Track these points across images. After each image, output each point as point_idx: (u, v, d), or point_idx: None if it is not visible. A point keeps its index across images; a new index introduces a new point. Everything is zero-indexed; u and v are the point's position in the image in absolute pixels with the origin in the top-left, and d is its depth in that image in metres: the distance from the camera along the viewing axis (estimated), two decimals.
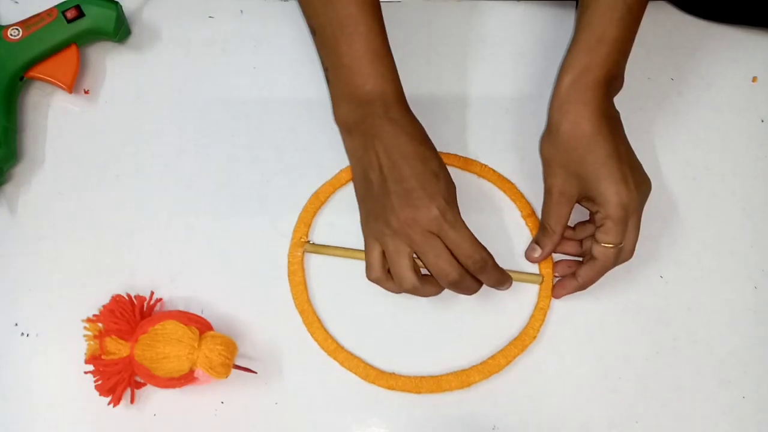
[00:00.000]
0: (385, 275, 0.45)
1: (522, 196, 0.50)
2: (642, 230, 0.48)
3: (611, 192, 0.43)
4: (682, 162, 0.52)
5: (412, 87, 0.47)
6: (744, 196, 0.51)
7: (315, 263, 0.49)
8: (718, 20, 0.54)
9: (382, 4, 0.46)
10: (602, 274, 0.46)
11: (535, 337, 0.47)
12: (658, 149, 0.51)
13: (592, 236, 0.46)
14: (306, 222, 0.49)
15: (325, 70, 0.48)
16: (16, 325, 0.47)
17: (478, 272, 0.44)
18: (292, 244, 0.48)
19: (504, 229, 0.50)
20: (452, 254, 0.43)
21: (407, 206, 0.42)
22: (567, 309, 0.48)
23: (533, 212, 0.49)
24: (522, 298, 0.48)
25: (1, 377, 0.46)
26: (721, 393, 0.47)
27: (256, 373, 0.45)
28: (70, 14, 0.48)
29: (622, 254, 0.45)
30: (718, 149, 0.52)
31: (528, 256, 0.48)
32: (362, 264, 0.46)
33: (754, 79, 0.53)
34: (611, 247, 0.44)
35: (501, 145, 0.51)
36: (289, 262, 0.48)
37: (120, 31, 0.50)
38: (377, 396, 0.46)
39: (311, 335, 0.47)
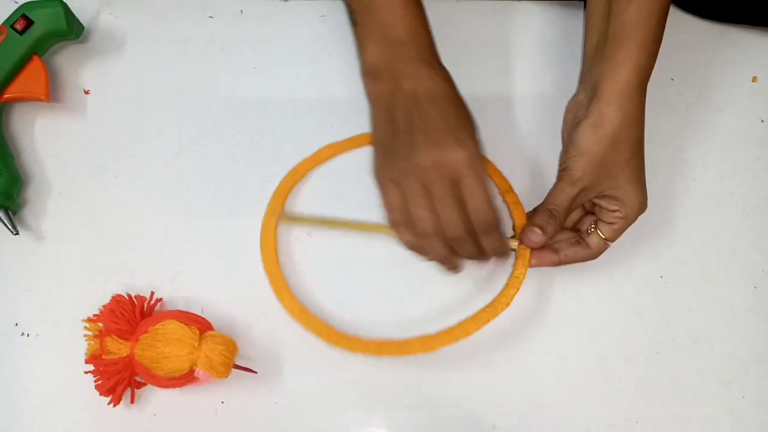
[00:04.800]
0: (405, 218, 0.44)
1: (500, 172, 0.49)
2: (642, 230, 0.48)
3: (637, 198, 0.44)
4: (682, 162, 0.52)
5: None
6: (744, 196, 0.51)
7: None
8: (718, 20, 0.54)
9: None
10: (583, 261, 0.46)
11: (508, 304, 0.46)
12: (658, 149, 0.51)
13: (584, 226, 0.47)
14: (282, 194, 0.49)
15: (352, 12, 0.46)
16: (16, 325, 0.47)
17: (485, 232, 0.43)
18: (266, 213, 0.48)
19: None
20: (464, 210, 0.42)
21: (434, 145, 0.41)
22: (567, 309, 0.48)
23: (510, 188, 0.49)
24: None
25: (1, 377, 0.46)
26: (722, 393, 0.47)
27: (256, 373, 0.45)
28: (19, 25, 0.48)
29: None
30: (718, 149, 0.52)
31: (527, 239, 0.46)
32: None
33: (754, 79, 0.54)
34: (608, 243, 0.45)
35: (501, 145, 0.51)
36: (262, 230, 0.48)
37: (73, 27, 0.50)
38: (377, 396, 0.46)
39: (278, 298, 0.46)
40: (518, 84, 0.53)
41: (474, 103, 0.52)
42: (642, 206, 0.45)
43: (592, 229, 0.46)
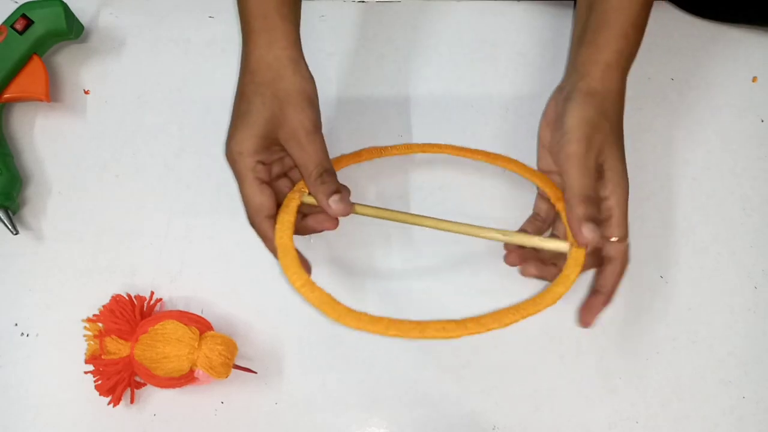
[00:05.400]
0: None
1: (549, 181, 0.46)
2: (642, 230, 0.48)
3: (623, 176, 0.41)
4: (682, 162, 0.52)
5: (412, 87, 0.47)
6: (744, 196, 0.51)
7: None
8: (719, 19, 0.54)
9: (382, 4, 0.46)
10: (623, 275, 0.42)
11: (554, 302, 0.39)
12: (658, 149, 0.51)
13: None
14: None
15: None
16: (16, 325, 0.47)
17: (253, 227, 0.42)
18: (294, 189, 0.44)
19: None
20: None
21: (230, 134, 0.42)
22: (567, 309, 0.48)
23: (562, 197, 0.45)
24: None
25: (1, 377, 0.46)
26: (722, 393, 0.47)
27: (256, 373, 0.45)
28: (19, 25, 0.48)
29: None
30: (718, 149, 0.52)
31: (582, 237, 0.39)
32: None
33: (754, 79, 0.54)
34: (624, 241, 0.41)
35: (501, 145, 0.51)
36: (285, 200, 0.43)
37: (73, 27, 0.50)
38: (377, 396, 0.46)
39: (285, 271, 0.40)
40: (518, 84, 0.53)
41: (474, 103, 0.52)
42: (628, 190, 0.42)
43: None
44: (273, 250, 0.41)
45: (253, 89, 0.42)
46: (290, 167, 0.45)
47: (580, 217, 0.39)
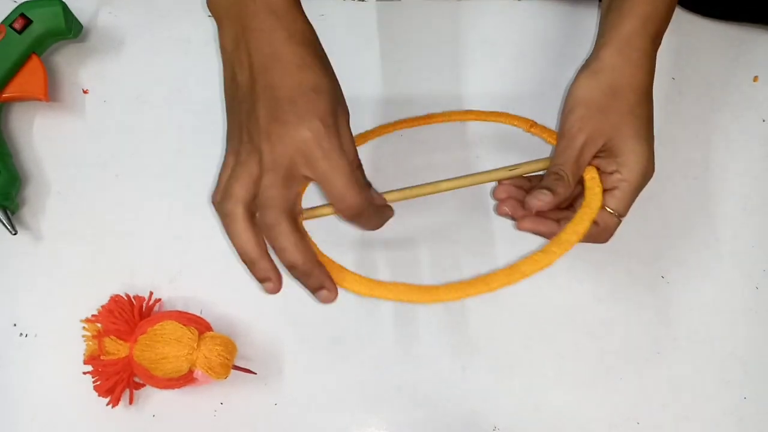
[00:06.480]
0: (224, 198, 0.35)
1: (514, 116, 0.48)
2: (642, 230, 0.48)
3: (641, 155, 0.39)
4: (683, 162, 0.51)
5: (412, 87, 0.47)
6: (745, 195, 0.51)
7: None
8: (719, 18, 0.54)
9: (382, 3, 0.46)
10: (594, 241, 0.41)
11: (567, 249, 0.37)
12: (658, 149, 0.51)
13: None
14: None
15: None
16: (15, 325, 0.47)
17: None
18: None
19: None
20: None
21: (274, 120, 0.34)
22: (567, 309, 0.48)
23: (535, 123, 0.47)
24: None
25: (1, 377, 0.46)
26: (722, 393, 0.47)
27: (255, 373, 0.45)
28: (17, 25, 0.48)
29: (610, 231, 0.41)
30: (719, 149, 0.52)
31: (531, 202, 0.40)
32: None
33: (755, 78, 0.53)
34: (616, 217, 0.40)
35: (501, 145, 0.51)
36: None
37: (72, 27, 0.50)
38: (377, 396, 0.46)
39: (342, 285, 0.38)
40: (518, 84, 0.53)
41: (474, 103, 0.52)
42: (647, 168, 0.40)
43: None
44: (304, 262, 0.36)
45: None
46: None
47: (541, 185, 0.40)
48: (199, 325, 0.44)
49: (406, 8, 0.54)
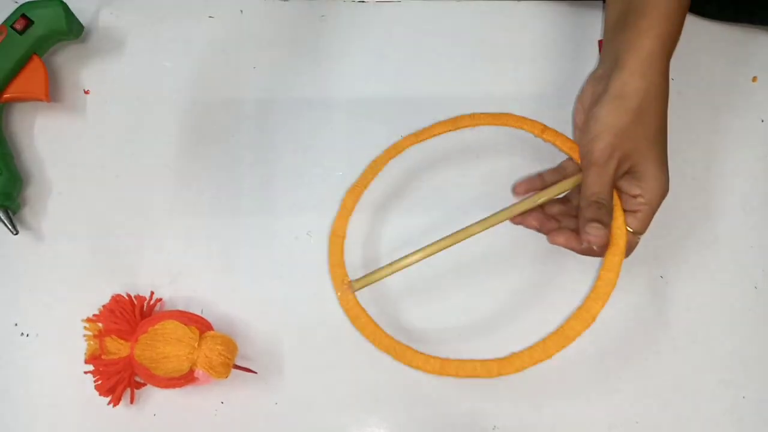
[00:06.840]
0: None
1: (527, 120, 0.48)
2: None
3: (661, 180, 0.42)
4: (682, 162, 0.51)
5: (412, 87, 0.47)
6: (744, 196, 0.51)
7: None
8: (719, 19, 0.54)
9: (382, 4, 0.46)
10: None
11: (593, 319, 0.42)
12: None
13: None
14: (337, 264, 0.46)
15: None
16: (16, 325, 0.47)
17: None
18: (340, 293, 0.45)
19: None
20: None
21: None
22: (567, 309, 0.48)
23: (545, 128, 0.47)
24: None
25: (1, 377, 0.46)
26: (722, 393, 0.47)
27: (256, 373, 0.45)
28: (19, 25, 0.47)
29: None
30: (718, 149, 0.52)
31: (586, 235, 0.42)
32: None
33: (754, 78, 0.53)
34: (637, 236, 0.43)
35: (501, 145, 0.51)
36: (345, 310, 0.45)
37: (73, 27, 0.50)
38: (377, 396, 0.46)
39: (409, 365, 0.43)
40: (518, 84, 0.53)
41: (474, 103, 0.52)
42: (665, 190, 0.42)
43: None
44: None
45: None
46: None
47: (587, 218, 0.42)
48: (200, 325, 0.44)
49: (406, 8, 0.54)
